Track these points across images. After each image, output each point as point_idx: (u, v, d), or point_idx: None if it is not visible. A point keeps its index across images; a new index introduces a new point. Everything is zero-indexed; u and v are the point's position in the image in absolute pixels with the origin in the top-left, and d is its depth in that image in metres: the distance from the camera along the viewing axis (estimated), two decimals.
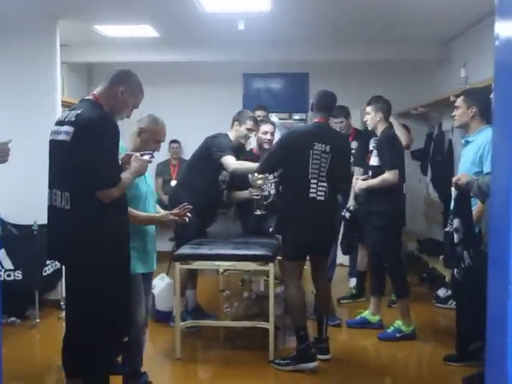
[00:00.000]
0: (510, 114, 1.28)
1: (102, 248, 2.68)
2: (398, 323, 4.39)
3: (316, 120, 3.95)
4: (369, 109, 4.49)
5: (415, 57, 6.83)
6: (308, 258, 4.12)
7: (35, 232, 4.73)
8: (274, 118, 8.34)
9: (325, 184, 3.80)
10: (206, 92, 7.44)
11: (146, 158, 2.93)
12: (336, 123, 5.29)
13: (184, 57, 6.84)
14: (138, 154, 2.94)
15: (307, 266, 4.28)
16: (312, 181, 3.77)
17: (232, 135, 4.70)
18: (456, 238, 3.34)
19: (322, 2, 4.94)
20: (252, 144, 5.01)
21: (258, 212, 4.48)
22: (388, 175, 4.28)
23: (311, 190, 3.77)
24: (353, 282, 5.71)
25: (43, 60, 5.33)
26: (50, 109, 5.23)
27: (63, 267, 4.05)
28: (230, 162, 4.41)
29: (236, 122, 4.69)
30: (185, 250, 4.12)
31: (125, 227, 2.83)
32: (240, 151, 4.73)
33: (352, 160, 4.66)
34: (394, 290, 4.56)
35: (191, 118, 7.41)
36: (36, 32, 5.30)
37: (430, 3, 4.84)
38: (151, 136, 3.30)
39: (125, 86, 2.82)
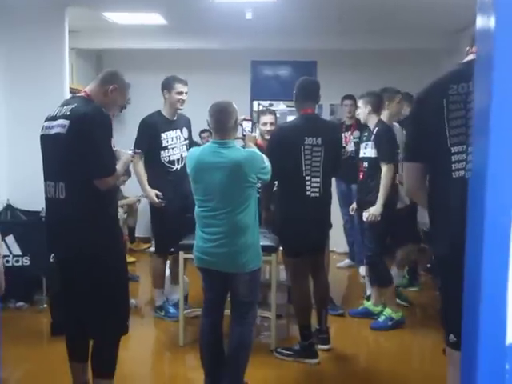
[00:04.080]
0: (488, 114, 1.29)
1: (96, 237, 2.81)
2: (388, 311, 4.49)
3: (303, 111, 3.79)
4: (359, 103, 4.55)
5: (424, 46, 6.79)
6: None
7: (43, 218, 4.79)
8: (282, 105, 8.39)
9: (318, 179, 3.71)
10: (213, 79, 7.44)
11: (130, 152, 3.23)
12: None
13: (192, 44, 6.85)
14: (123, 149, 3.14)
15: None
16: (306, 178, 3.69)
17: (166, 107, 4.53)
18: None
19: None
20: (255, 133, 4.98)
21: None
22: (385, 169, 4.29)
23: (307, 188, 3.69)
24: (363, 269, 5.76)
25: (52, 47, 5.37)
26: (59, 95, 5.23)
27: None
28: (134, 160, 4.13)
29: (165, 91, 4.49)
30: (189, 240, 4.16)
31: (115, 219, 3.06)
32: (185, 124, 4.64)
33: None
34: (379, 280, 4.58)
35: (199, 105, 7.34)
36: (44, 20, 5.33)
37: None
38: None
39: (114, 85, 2.94)
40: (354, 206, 4.85)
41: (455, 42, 6.52)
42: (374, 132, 4.43)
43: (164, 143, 4.45)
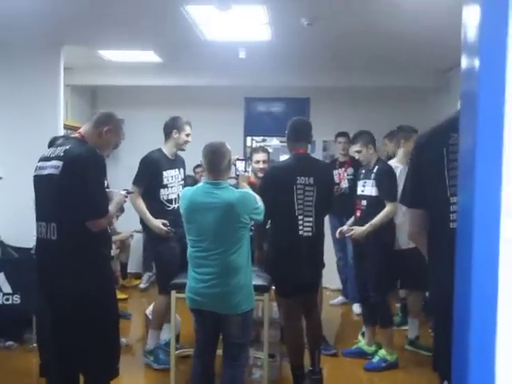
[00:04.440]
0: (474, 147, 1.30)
1: (87, 278, 2.80)
2: (382, 352, 4.44)
3: (295, 151, 3.81)
4: (357, 146, 4.49)
5: (414, 84, 6.89)
6: None
7: (34, 256, 4.76)
8: (275, 141, 8.46)
9: (310, 219, 3.70)
10: (207, 115, 7.47)
11: (123, 193, 3.19)
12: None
13: (185, 81, 6.92)
14: (116, 190, 3.11)
15: None
16: (299, 217, 3.67)
17: (169, 146, 4.50)
18: None
19: (321, 33, 5.01)
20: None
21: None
22: (390, 207, 4.27)
23: (299, 228, 3.68)
24: (356, 307, 5.72)
25: (47, 83, 5.44)
26: (53, 131, 5.28)
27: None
28: (133, 197, 4.19)
29: (175, 131, 4.47)
30: (181, 279, 4.13)
31: (108, 259, 3.03)
32: (182, 164, 4.60)
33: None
34: (380, 320, 4.52)
35: (193, 141, 7.43)
36: (41, 57, 5.42)
37: (429, 35, 4.90)
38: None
39: (109, 126, 2.98)
40: (345, 228, 4.57)
41: (444, 82, 6.65)
42: (375, 170, 4.42)
43: (165, 181, 4.42)
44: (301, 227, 3.69)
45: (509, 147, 1.24)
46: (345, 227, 4.56)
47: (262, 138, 8.33)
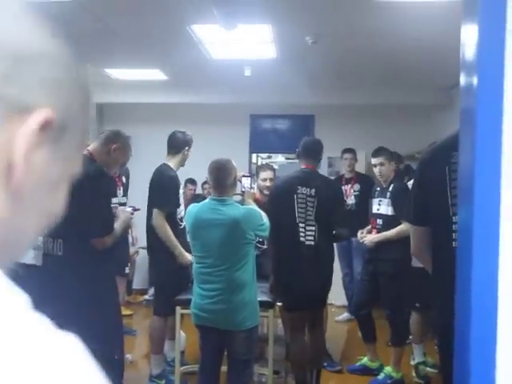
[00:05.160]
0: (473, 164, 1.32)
1: (92, 292, 2.82)
2: (388, 370, 4.40)
3: (303, 166, 3.93)
4: (381, 159, 4.41)
5: (418, 101, 6.94)
6: None
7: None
8: (280, 158, 8.50)
9: (313, 228, 3.72)
10: (213, 132, 7.53)
11: (129, 209, 3.25)
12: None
13: (191, 99, 7.00)
14: (122, 207, 3.13)
15: None
16: (300, 225, 3.72)
17: (177, 161, 4.30)
18: None
19: (326, 51, 5.07)
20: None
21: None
22: (404, 226, 4.17)
23: (300, 234, 3.71)
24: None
25: None
26: None
27: None
28: (161, 222, 4.01)
29: (187, 148, 4.34)
30: (186, 295, 4.13)
31: (112, 275, 3.09)
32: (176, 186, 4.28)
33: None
34: (392, 337, 4.48)
35: (199, 158, 7.48)
36: None
37: (433, 53, 4.95)
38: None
39: (117, 144, 3.03)
40: (359, 235, 4.54)
41: (448, 99, 6.68)
42: (390, 189, 4.39)
43: (180, 199, 4.28)
44: (302, 234, 3.71)
45: (507, 161, 1.26)
46: (359, 234, 4.55)
47: (267, 154, 8.37)
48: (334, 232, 3.93)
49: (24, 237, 0.53)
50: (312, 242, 3.73)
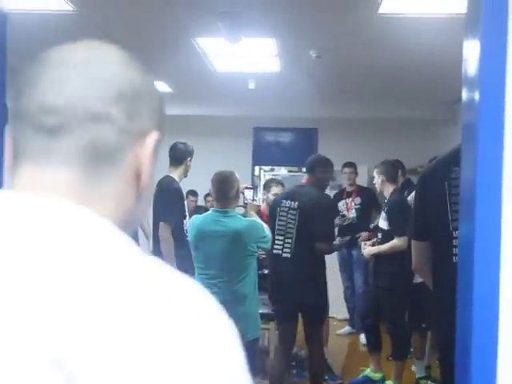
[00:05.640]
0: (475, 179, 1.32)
1: None
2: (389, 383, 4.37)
3: (303, 181, 4.12)
4: (374, 172, 4.53)
5: (421, 116, 6.95)
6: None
7: None
8: (283, 170, 8.51)
9: (290, 240, 3.78)
10: (216, 145, 7.56)
11: None
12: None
13: (195, 111, 7.03)
14: None
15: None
16: (278, 237, 3.80)
17: (180, 172, 4.26)
18: None
19: (330, 65, 5.10)
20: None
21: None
22: (397, 242, 4.16)
23: (275, 247, 3.78)
24: (363, 337, 5.67)
25: None
26: None
27: None
28: (166, 236, 3.94)
29: (189, 158, 4.31)
30: None
31: None
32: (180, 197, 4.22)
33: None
34: (393, 351, 4.46)
35: (202, 170, 7.49)
36: None
37: (436, 67, 4.97)
38: None
39: None
40: (362, 244, 4.61)
41: (452, 113, 6.69)
42: (386, 202, 4.41)
43: (186, 210, 4.24)
44: (279, 247, 3.80)
45: (509, 176, 1.26)
46: (362, 245, 4.59)
47: (270, 167, 8.39)
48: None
49: (138, 218, 0.75)
50: (288, 255, 3.80)
